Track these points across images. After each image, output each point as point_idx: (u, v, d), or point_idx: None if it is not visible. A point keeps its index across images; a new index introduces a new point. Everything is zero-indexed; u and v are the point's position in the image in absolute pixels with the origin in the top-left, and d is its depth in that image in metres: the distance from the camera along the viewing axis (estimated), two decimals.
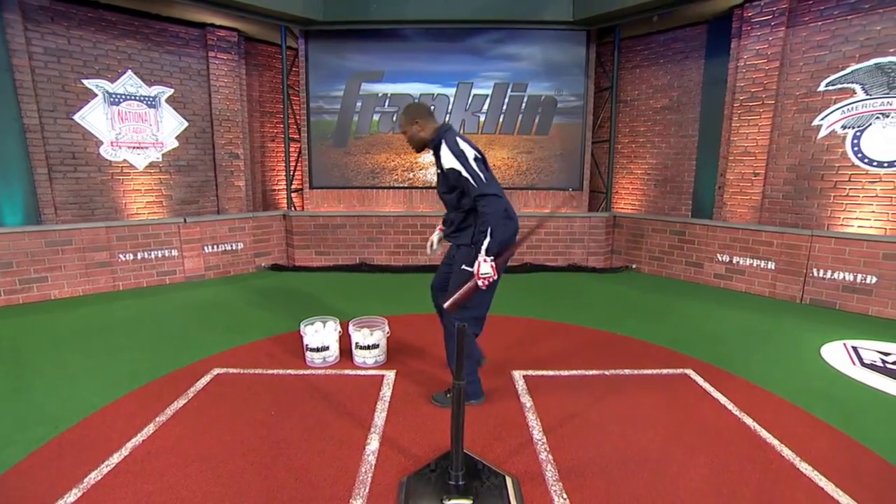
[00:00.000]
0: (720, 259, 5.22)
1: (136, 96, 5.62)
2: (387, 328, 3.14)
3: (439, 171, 2.46)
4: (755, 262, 4.94)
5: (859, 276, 4.32)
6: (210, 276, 5.43)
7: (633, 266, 6.14)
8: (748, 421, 2.42)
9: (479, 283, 2.25)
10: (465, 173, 2.29)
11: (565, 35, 6.07)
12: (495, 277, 2.26)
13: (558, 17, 5.61)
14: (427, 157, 6.31)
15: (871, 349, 3.46)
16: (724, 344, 3.52)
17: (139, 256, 5.03)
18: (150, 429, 2.31)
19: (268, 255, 5.91)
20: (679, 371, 3.03)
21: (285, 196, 6.66)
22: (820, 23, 4.77)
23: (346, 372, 2.98)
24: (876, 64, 4.50)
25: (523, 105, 6.29)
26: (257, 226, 5.79)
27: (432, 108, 6.19)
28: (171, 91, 5.86)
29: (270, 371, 2.98)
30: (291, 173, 6.23)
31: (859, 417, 2.49)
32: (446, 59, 6.10)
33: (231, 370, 2.99)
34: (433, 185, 6.38)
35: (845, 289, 4.38)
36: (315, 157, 6.28)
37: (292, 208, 6.24)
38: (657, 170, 6.79)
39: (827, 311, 4.38)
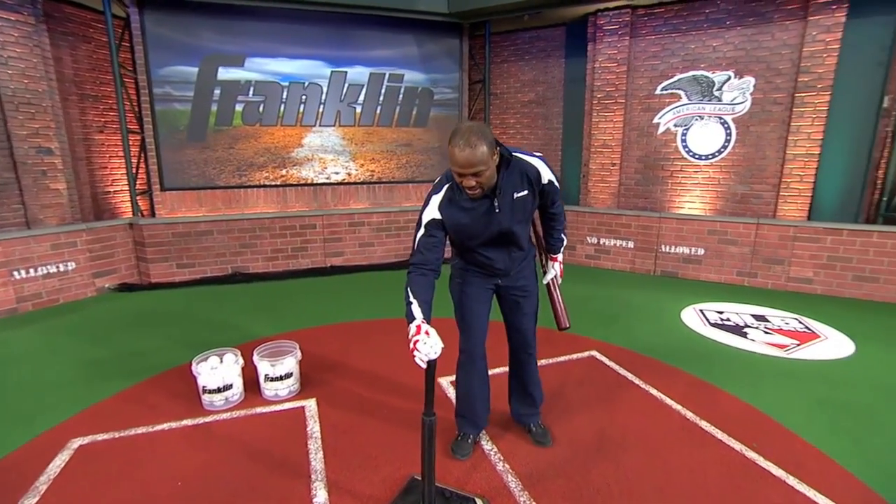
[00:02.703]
0: (590, 241, 5.85)
1: None
2: (298, 353, 2.80)
3: (520, 195, 1.86)
4: (618, 243, 5.66)
5: (693, 249, 5.24)
6: (27, 309, 4.23)
7: None
8: (653, 392, 2.75)
9: (556, 281, 2.25)
10: (556, 180, 1.98)
11: (440, 27, 6.05)
12: None
13: (434, 9, 5.56)
14: (302, 151, 5.79)
15: (712, 310, 4.24)
16: (613, 322, 3.95)
17: None
18: None
19: (112, 273, 4.83)
20: (586, 354, 3.30)
21: (128, 200, 5.50)
22: (653, 37, 5.56)
23: (258, 411, 2.58)
24: (693, 75, 5.43)
25: (400, 96, 6.14)
26: (95, 239, 4.67)
27: (304, 97, 5.67)
28: None
29: (157, 427, 2.43)
30: (134, 172, 5.14)
31: (714, 367, 3.09)
32: (317, 45, 5.61)
33: (99, 437, 2.35)
34: (309, 181, 5.90)
35: (684, 260, 5.28)
36: (166, 153, 5.28)
37: (139, 215, 5.18)
38: None
39: (672, 280, 5.23)
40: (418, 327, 1.71)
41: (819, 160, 4.94)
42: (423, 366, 1.65)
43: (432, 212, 1.86)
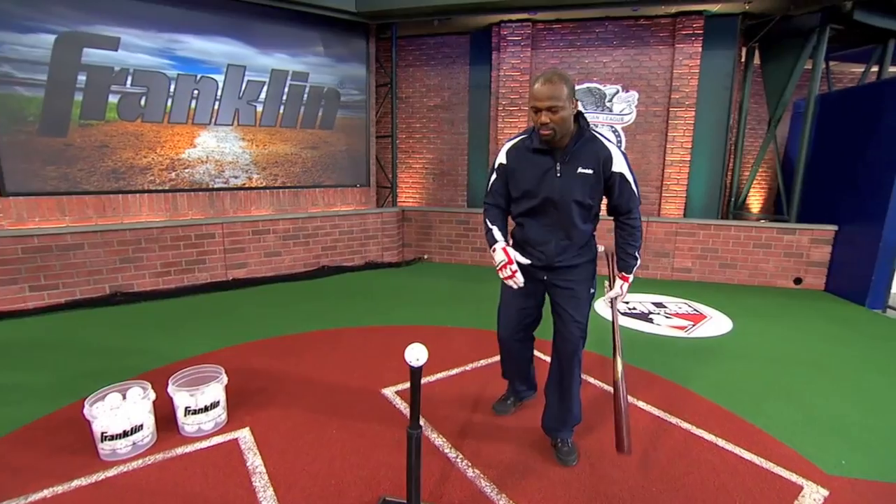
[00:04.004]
0: None
1: None
2: (224, 377, 2.45)
3: (584, 171, 1.89)
4: (521, 260, 5.95)
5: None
6: None
7: (425, 257, 6.55)
8: (585, 377, 2.93)
9: (615, 301, 2.08)
10: (631, 180, 1.92)
11: (347, 27, 5.83)
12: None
13: (341, 6, 5.34)
14: (195, 152, 5.14)
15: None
16: None
17: None
18: None
19: None
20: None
21: None
22: (552, 50, 6.00)
23: (179, 452, 2.19)
24: (587, 87, 5.96)
25: (305, 96, 5.79)
26: None
27: (195, 92, 5.05)
28: None
29: (36, 496, 1.91)
30: None
31: (633, 351, 3.37)
32: (212, 35, 5.03)
33: None
34: (204, 186, 5.26)
35: None
36: (8, 150, 4.29)
37: None
38: (434, 164, 7.37)
39: None
40: (504, 249, 2.02)
41: (690, 166, 5.74)
42: (520, 283, 2.02)
43: (501, 156, 2.06)
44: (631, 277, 2.05)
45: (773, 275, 5.28)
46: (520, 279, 2.00)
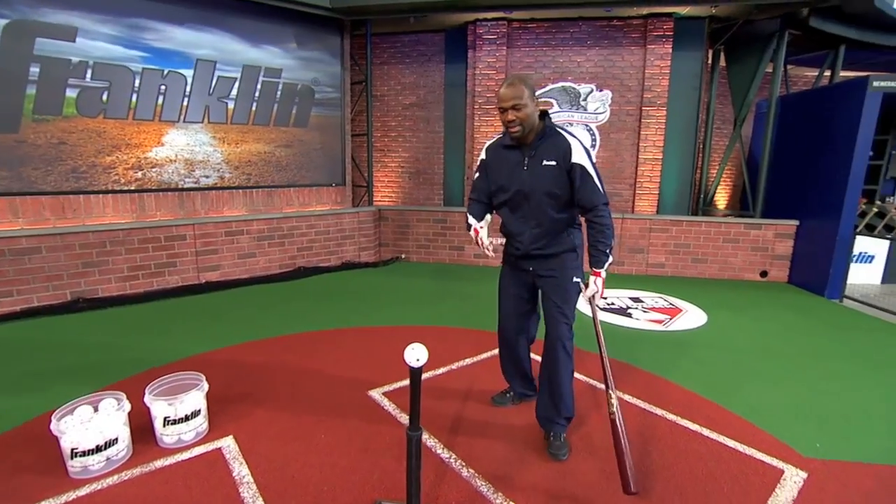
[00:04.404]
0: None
1: None
2: (205, 385, 2.35)
3: (548, 163, 2.03)
4: (502, 240, 5.99)
5: None
6: None
7: (402, 256, 6.50)
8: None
9: (594, 299, 2.09)
10: (592, 174, 2.02)
11: (321, 22, 5.71)
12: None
13: (315, 1, 5.22)
14: (162, 151, 4.92)
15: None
16: None
17: None
18: None
19: None
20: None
21: None
22: (527, 49, 6.04)
23: (158, 465, 2.08)
24: (562, 86, 6.04)
25: (279, 93, 5.64)
26: None
27: (163, 87, 4.83)
28: None
29: None
30: None
31: (615, 345, 3.40)
32: (180, 27, 4.82)
33: None
34: (173, 186, 5.04)
35: None
36: None
37: None
38: (410, 163, 7.32)
39: None
40: (475, 229, 2.30)
41: (662, 164, 5.90)
42: (490, 255, 2.32)
43: (482, 154, 2.26)
44: (603, 273, 2.09)
45: (741, 268, 5.49)
46: (488, 249, 2.29)
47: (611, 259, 2.10)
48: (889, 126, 6.07)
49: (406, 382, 2.85)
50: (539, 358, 2.31)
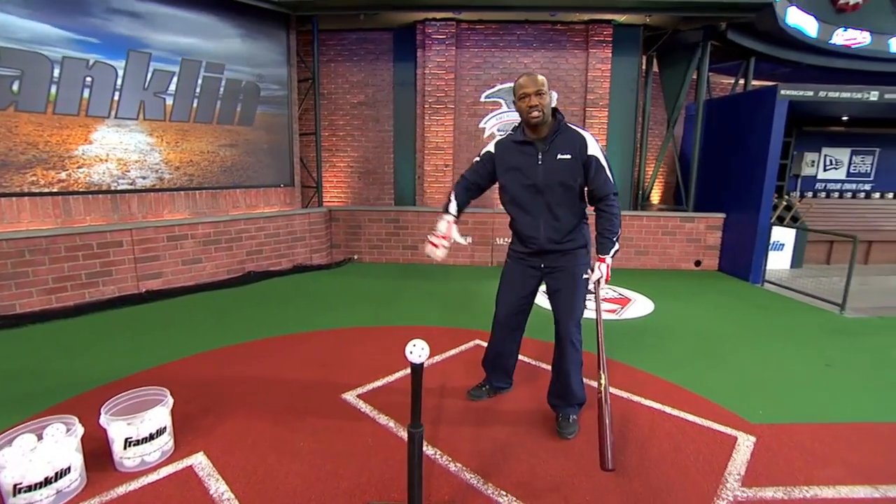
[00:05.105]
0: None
1: None
2: (170, 400, 2.19)
3: (563, 157, 2.09)
4: (457, 239, 6.06)
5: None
6: None
7: (355, 257, 6.39)
8: (534, 363, 3.07)
9: (599, 284, 2.16)
10: (605, 165, 2.10)
11: (265, 16, 5.46)
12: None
13: None
14: (91, 149, 4.49)
15: None
16: (474, 311, 4.19)
17: None
18: None
19: None
20: (472, 344, 3.45)
21: None
22: (476, 50, 6.15)
23: (119, 492, 1.91)
24: (510, 86, 6.20)
25: (221, 89, 5.33)
26: None
27: (88, 79, 4.41)
28: None
29: None
30: None
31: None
32: (108, 14, 4.42)
33: None
34: (104, 188, 4.62)
35: None
36: None
37: None
38: (359, 162, 7.20)
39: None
40: (448, 223, 2.28)
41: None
42: (439, 257, 2.27)
43: (490, 147, 2.31)
44: (608, 259, 2.17)
45: (678, 258, 5.93)
46: (439, 254, 2.26)
47: (617, 246, 2.19)
48: (792, 129, 6.82)
49: (380, 383, 2.83)
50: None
